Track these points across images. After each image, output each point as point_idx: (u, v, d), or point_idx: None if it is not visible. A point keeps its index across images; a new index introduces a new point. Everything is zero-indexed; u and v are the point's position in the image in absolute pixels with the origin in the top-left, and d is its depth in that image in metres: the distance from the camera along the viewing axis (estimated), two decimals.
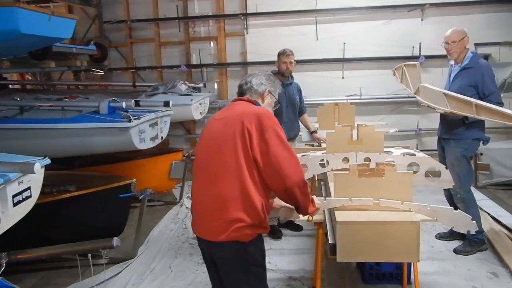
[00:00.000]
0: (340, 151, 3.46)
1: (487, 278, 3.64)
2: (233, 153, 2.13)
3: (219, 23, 7.59)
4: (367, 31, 7.05)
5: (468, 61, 4.00)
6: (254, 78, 2.46)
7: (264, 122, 2.14)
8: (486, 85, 3.84)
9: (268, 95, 2.46)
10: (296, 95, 4.79)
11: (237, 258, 2.18)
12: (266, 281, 2.35)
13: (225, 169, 2.15)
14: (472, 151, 4.16)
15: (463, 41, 4.00)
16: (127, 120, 4.28)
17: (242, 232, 2.13)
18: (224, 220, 2.13)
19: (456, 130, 4.01)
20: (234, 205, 2.12)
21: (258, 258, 2.24)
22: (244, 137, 2.13)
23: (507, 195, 5.86)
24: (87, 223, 4.12)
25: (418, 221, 2.44)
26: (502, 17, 6.79)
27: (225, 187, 2.14)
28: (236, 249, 2.16)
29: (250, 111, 2.21)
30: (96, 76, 8.13)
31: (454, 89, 3.95)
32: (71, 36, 4.88)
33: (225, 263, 2.23)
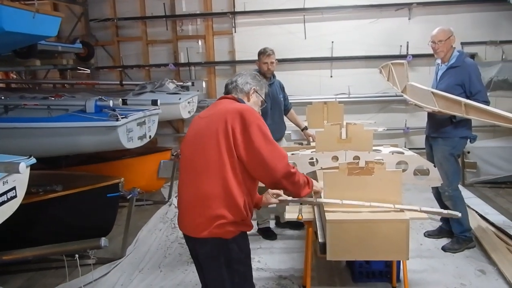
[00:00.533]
0: (329, 149, 3.47)
1: (475, 276, 3.67)
2: (216, 151, 2.16)
3: (207, 21, 7.56)
4: (355, 30, 7.07)
5: (455, 60, 4.02)
6: (240, 78, 2.48)
7: (246, 118, 2.16)
8: (473, 84, 3.87)
9: (254, 94, 2.48)
10: (280, 94, 4.67)
11: (220, 255, 2.19)
12: (251, 279, 2.35)
13: (207, 166, 2.17)
14: (460, 149, 4.19)
15: (450, 40, 4.02)
16: (114, 119, 4.23)
17: (224, 229, 2.15)
18: (206, 216, 2.15)
19: (444, 129, 4.04)
20: (216, 202, 2.14)
21: (242, 255, 2.24)
22: (228, 134, 2.15)
23: (494, 193, 5.93)
24: (74, 224, 4.07)
25: (408, 219, 2.45)
26: (488, 16, 6.87)
27: (208, 184, 2.16)
28: (219, 245, 2.18)
29: (232, 108, 2.23)
30: (83, 75, 8.04)
31: (441, 88, 3.97)
32: (56, 34, 4.81)
33: (207, 259, 2.25)
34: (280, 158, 2.17)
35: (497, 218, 4.76)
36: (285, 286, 3.63)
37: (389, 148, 3.82)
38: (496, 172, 6.11)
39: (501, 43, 6.79)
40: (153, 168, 5.82)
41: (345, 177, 2.60)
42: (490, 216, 4.80)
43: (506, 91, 5.58)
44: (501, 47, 6.79)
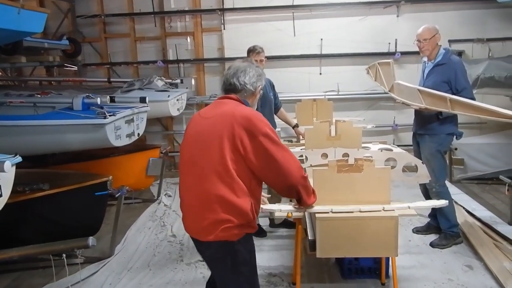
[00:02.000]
0: (319, 146, 3.47)
1: (463, 271, 3.71)
2: (221, 154, 2.12)
3: (195, 18, 7.52)
4: (344, 27, 7.09)
5: (441, 58, 4.06)
6: (247, 76, 2.34)
7: (256, 125, 2.13)
8: (458, 81, 3.92)
9: (259, 92, 2.44)
10: (270, 92, 4.63)
11: (226, 257, 2.19)
12: (257, 278, 2.36)
13: (212, 169, 2.14)
14: (447, 146, 4.24)
15: (435, 38, 4.06)
16: (102, 117, 4.18)
17: (230, 232, 2.14)
18: (212, 220, 2.14)
19: (430, 126, 4.07)
20: (221, 206, 2.12)
21: (247, 256, 2.24)
22: (235, 140, 2.12)
23: (481, 189, 5.99)
24: (61, 223, 4.02)
25: (397, 216, 2.46)
26: (475, 14, 6.93)
27: (213, 187, 2.13)
28: (224, 248, 2.17)
29: (240, 114, 2.17)
30: (70, 72, 7.96)
31: (428, 85, 4.00)
32: (42, 30, 4.74)
33: (213, 261, 2.28)
34: (294, 162, 2.19)
35: (484, 214, 4.81)
36: (274, 284, 3.63)
37: (378, 145, 3.84)
38: (482, 169, 6.18)
39: (487, 41, 6.86)
40: (142, 166, 5.78)
41: (335, 174, 2.61)
42: (477, 212, 4.85)
43: (492, 88, 5.62)
44: (488, 44, 6.86)
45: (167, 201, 5.94)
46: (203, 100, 7.47)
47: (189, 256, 4.20)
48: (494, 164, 6.09)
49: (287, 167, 2.14)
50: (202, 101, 7.47)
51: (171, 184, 6.78)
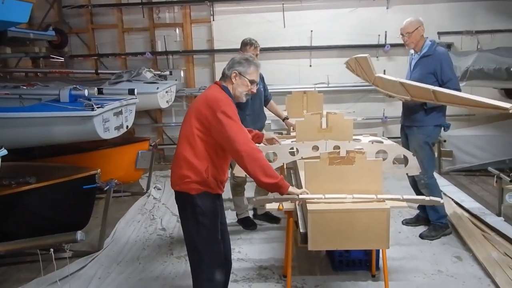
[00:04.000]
0: (310, 139, 3.46)
1: (452, 262, 3.74)
2: (190, 125, 2.62)
3: (184, 9, 7.43)
4: (334, 19, 7.07)
5: (427, 50, 4.09)
6: (227, 65, 2.77)
7: (218, 104, 2.56)
8: (444, 72, 3.94)
9: (236, 77, 2.73)
10: (260, 84, 4.52)
11: (187, 207, 2.65)
12: (217, 237, 2.71)
13: (185, 136, 2.65)
14: (434, 137, 4.26)
15: (418, 31, 4.08)
16: (90, 109, 4.12)
17: (189, 186, 2.61)
18: (177, 174, 2.66)
19: (418, 117, 4.10)
20: (185, 163, 2.61)
21: (206, 210, 2.63)
22: (201, 115, 2.59)
23: (469, 180, 6.05)
24: (49, 217, 3.96)
25: (388, 208, 2.46)
26: (464, 6, 6.96)
27: (182, 149, 2.64)
28: (185, 198, 2.64)
29: (210, 96, 2.65)
30: (56, 63, 7.80)
31: (415, 77, 4.03)
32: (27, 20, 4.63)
33: (179, 210, 2.75)
34: (241, 133, 2.53)
35: (472, 205, 4.85)
36: (265, 276, 3.63)
37: (369, 138, 3.83)
38: (471, 160, 6.23)
39: (476, 33, 6.89)
40: (131, 159, 5.72)
41: (326, 166, 2.59)
42: (465, 203, 4.89)
43: (481, 81, 5.64)
44: (477, 37, 6.89)
45: (157, 194, 5.90)
46: (192, 92, 7.41)
47: (179, 250, 4.18)
48: (482, 156, 6.15)
49: (234, 136, 2.50)
50: (192, 93, 7.42)
51: (161, 177, 6.73)
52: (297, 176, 3.45)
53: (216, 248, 2.69)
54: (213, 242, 2.68)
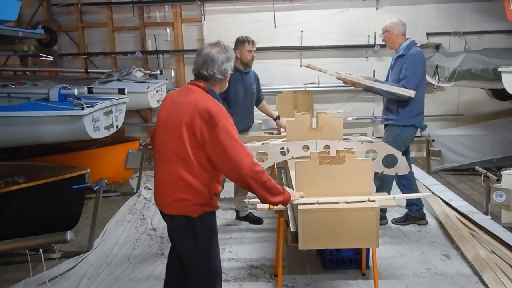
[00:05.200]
0: (300, 138, 3.47)
1: (440, 260, 3.79)
2: (182, 140, 2.34)
3: (175, 8, 7.41)
4: (325, 20, 7.11)
5: (403, 50, 4.22)
6: (215, 66, 2.43)
7: (214, 118, 2.29)
8: (404, 70, 4.11)
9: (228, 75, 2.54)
10: (254, 84, 4.58)
11: (187, 230, 2.46)
12: (217, 255, 2.59)
13: (175, 152, 2.37)
14: (406, 137, 4.28)
15: (387, 33, 4.29)
16: (79, 108, 4.10)
17: (190, 209, 2.40)
18: (174, 197, 2.41)
19: (391, 116, 4.27)
20: (181, 185, 2.37)
21: (207, 231, 2.48)
22: (195, 129, 2.31)
23: (457, 179, 6.11)
24: (38, 217, 3.92)
25: (377, 207, 2.48)
26: (453, 7, 7.04)
27: (174, 168, 2.37)
28: (186, 222, 2.43)
29: (203, 106, 2.33)
30: (45, 62, 7.73)
31: (392, 77, 4.25)
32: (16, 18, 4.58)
33: (177, 233, 2.55)
34: (245, 156, 2.30)
35: (460, 204, 4.90)
36: (256, 276, 3.63)
37: (359, 137, 3.86)
38: (459, 160, 6.29)
39: (464, 34, 6.97)
40: (121, 159, 5.69)
41: (317, 166, 2.61)
42: (453, 202, 4.93)
43: (469, 81, 5.71)
44: (465, 37, 6.97)
45: (147, 194, 5.87)
46: None
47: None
48: (471, 155, 6.21)
49: (237, 159, 2.27)
50: None
51: (151, 176, 6.70)
52: (287, 176, 3.46)
53: (215, 264, 2.58)
54: (213, 259, 2.56)
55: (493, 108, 7.01)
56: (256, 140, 3.76)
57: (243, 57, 4.38)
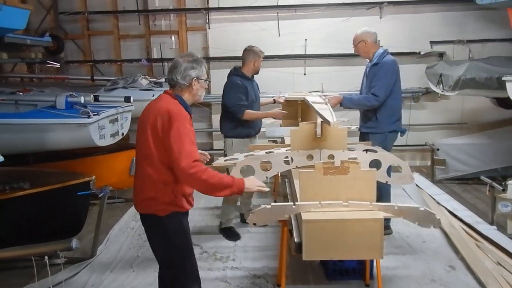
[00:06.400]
0: (304, 148, 3.47)
1: (445, 271, 3.77)
2: (147, 141, 2.50)
3: (180, 17, 7.47)
4: (328, 28, 7.13)
5: (377, 58, 4.31)
6: (178, 72, 2.58)
7: (171, 118, 2.44)
8: (375, 78, 4.21)
9: (195, 83, 2.61)
10: (257, 90, 4.82)
11: (156, 229, 2.59)
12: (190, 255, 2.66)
13: (143, 153, 2.54)
14: (390, 143, 4.37)
15: (360, 44, 4.39)
16: (86, 116, 4.14)
17: (157, 208, 2.53)
18: (144, 196, 2.56)
19: (371, 124, 4.34)
20: (149, 184, 2.52)
21: (176, 231, 2.57)
22: (156, 129, 2.46)
23: (462, 188, 6.09)
24: (42, 223, 3.94)
25: (381, 218, 2.48)
26: (456, 16, 7.04)
27: (143, 168, 2.54)
28: (154, 221, 2.56)
29: (164, 108, 2.49)
30: (52, 69, 7.80)
31: (368, 84, 4.31)
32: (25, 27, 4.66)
33: (148, 232, 2.67)
34: (185, 155, 2.39)
35: (465, 214, 4.87)
36: (259, 285, 3.63)
37: (363, 147, 3.86)
38: (463, 169, 6.27)
39: (468, 42, 6.97)
40: (125, 165, 5.69)
41: (321, 176, 2.61)
42: (458, 212, 4.91)
43: (473, 90, 5.70)
44: (468, 46, 6.96)
45: None
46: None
47: None
48: (475, 164, 6.19)
49: (177, 157, 2.38)
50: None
51: None
52: (291, 185, 3.46)
53: (189, 263, 2.66)
54: (186, 258, 2.64)
55: (497, 117, 6.98)
56: (260, 149, 3.77)
57: (257, 67, 4.67)
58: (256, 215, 2.67)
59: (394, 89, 4.28)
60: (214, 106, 7.45)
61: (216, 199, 5.40)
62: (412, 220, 2.64)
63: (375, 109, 4.28)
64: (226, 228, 4.68)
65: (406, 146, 7.11)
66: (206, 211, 5.42)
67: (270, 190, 6.08)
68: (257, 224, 2.72)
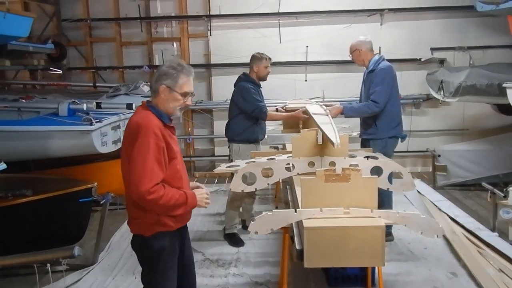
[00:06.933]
0: (306, 155, 3.48)
1: (447, 278, 3.76)
2: (124, 158, 2.35)
3: (182, 24, 7.51)
4: (329, 35, 7.16)
5: (372, 65, 4.35)
6: (155, 77, 2.41)
7: (137, 132, 2.28)
8: (374, 85, 4.24)
9: (165, 91, 2.36)
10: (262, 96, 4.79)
11: (140, 249, 2.48)
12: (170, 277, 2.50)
13: (124, 169, 2.36)
14: (390, 149, 4.41)
15: (356, 53, 4.43)
16: (88, 123, 4.16)
17: (141, 227, 2.40)
18: (130, 216, 2.45)
19: (371, 130, 4.36)
20: (131, 203, 2.38)
21: (160, 252, 2.41)
22: (126, 147, 2.35)
23: (463, 195, 6.08)
24: (45, 229, 3.96)
25: (383, 225, 2.48)
26: (456, 22, 7.08)
27: (127, 186, 2.34)
28: (139, 241, 2.45)
29: (132, 121, 2.37)
30: (54, 76, 7.84)
31: (365, 92, 4.35)
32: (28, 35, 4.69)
33: (134, 251, 2.54)
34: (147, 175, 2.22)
35: (466, 220, 4.87)
36: None
37: (364, 153, 3.87)
38: (465, 175, 6.26)
39: (468, 49, 6.99)
40: None
41: (322, 183, 2.62)
42: (460, 219, 4.91)
43: (474, 96, 5.71)
44: (469, 52, 6.98)
45: None
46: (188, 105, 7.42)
47: None
48: (476, 170, 6.18)
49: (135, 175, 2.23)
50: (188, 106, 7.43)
51: None
52: (293, 192, 3.47)
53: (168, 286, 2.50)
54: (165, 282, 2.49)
55: (499, 123, 6.99)
56: (262, 156, 3.78)
57: (260, 73, 4.59)
58: (257, 222, 2.67)
59: (392, 95, 4.32)
60: (216, 113, 7.48)
61: (218, 205, 5.45)
62: (415, 228, 2.63)
63: (374, 115, 4.32)
64: (230, 234, 4.68)
65: (407, 152, 7.12)
66: (208, 217, 5.42)
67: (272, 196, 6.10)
68: (258, 232, 2.71)
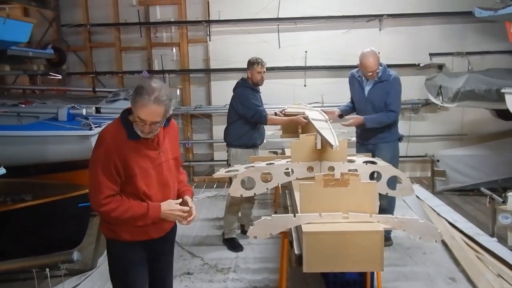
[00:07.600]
0: (305, 159, 3.49)
1: (446, 283, 3.77)
2: None
3: (181, 29, 7.53)
4: (328, 40, 7.18)
5: (382, 75, 4.37)
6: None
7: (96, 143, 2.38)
8: (390, 97, 4.32)
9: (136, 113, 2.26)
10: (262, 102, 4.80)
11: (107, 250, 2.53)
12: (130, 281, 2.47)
13: None
14: (398, 150, 4.56)
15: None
16: (87, 128, 4.16)
17: (105, 229, 2.47)
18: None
19: (384, 134, 4.40)
20: None
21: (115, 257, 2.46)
22: None
23: (462, 200, 6.09)
24: (43, 234, 3.95)
25: (382, 230, 2.49)
26: (455, 28, 7.10)
27: None
28: (107, 242, 2.51)
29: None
30: (54, 81, 7.85)
31: (373, 101, 4.38)
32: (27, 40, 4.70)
33: None
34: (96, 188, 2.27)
35: (465, 226, 4.88)
36: None
37: (363, 158, 3.87)
38: (464, 180, 6.27)
39: (467, 54, 7.01)
40: None
41: (321, 188, 2.63)
42: (459, 224, 4.92)
43: (473, 101, 5.73)
44: (467, 58, 7.01)
45: None
46: (188, 110, 7.46)
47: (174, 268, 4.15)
48: (475, 175, 6.19)
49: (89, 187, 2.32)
50: (187, 111, 7.46)
51: None
52: (292, 197, 3.48)
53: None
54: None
55: (497, 128, 7.00)
56: (261, 160, 3.78)
57: (253, 78, 4.60)
58: (256, 227, 2.67)
59: None
60: (215, 117, 7.49)
61: (217, 209, 5.45)
62: (414, 234, 2.64)
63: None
64: (229, 239, 4.68)
65: (406, 157, 7.12)
66: (207, 222, 5.42)
67: (271, 201, 6.09)
68: (257, 237, 2.72)
